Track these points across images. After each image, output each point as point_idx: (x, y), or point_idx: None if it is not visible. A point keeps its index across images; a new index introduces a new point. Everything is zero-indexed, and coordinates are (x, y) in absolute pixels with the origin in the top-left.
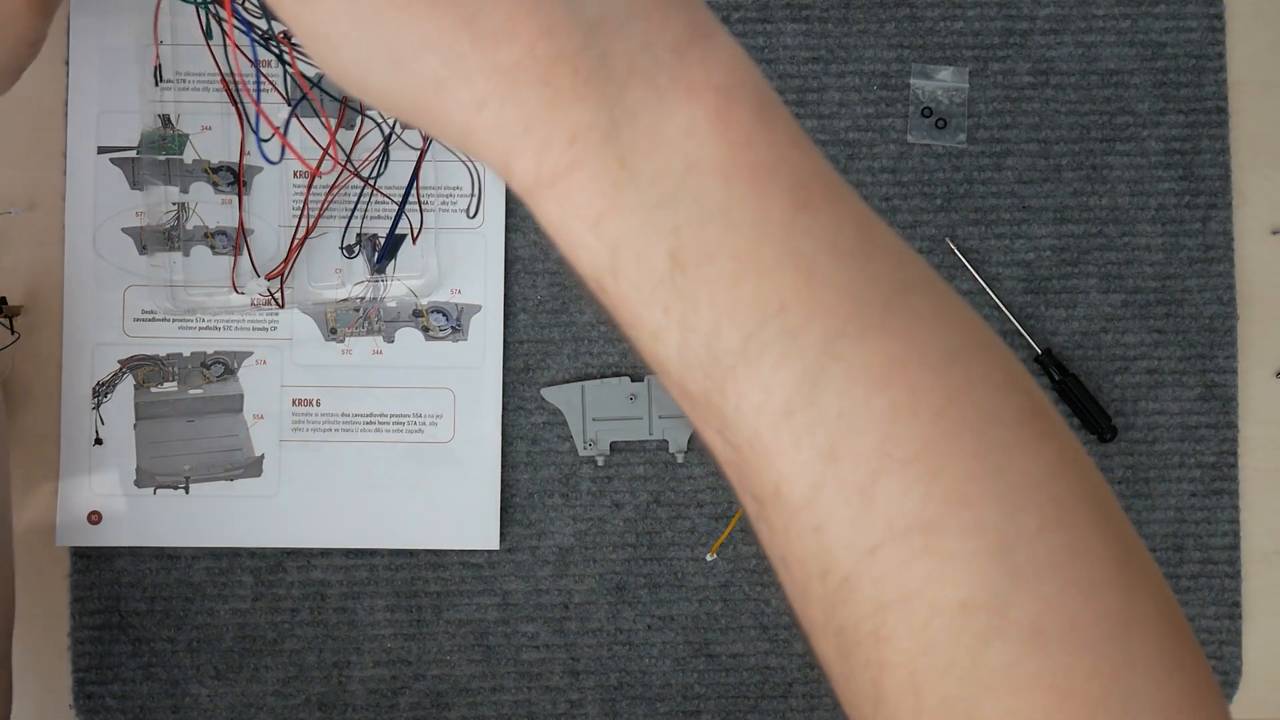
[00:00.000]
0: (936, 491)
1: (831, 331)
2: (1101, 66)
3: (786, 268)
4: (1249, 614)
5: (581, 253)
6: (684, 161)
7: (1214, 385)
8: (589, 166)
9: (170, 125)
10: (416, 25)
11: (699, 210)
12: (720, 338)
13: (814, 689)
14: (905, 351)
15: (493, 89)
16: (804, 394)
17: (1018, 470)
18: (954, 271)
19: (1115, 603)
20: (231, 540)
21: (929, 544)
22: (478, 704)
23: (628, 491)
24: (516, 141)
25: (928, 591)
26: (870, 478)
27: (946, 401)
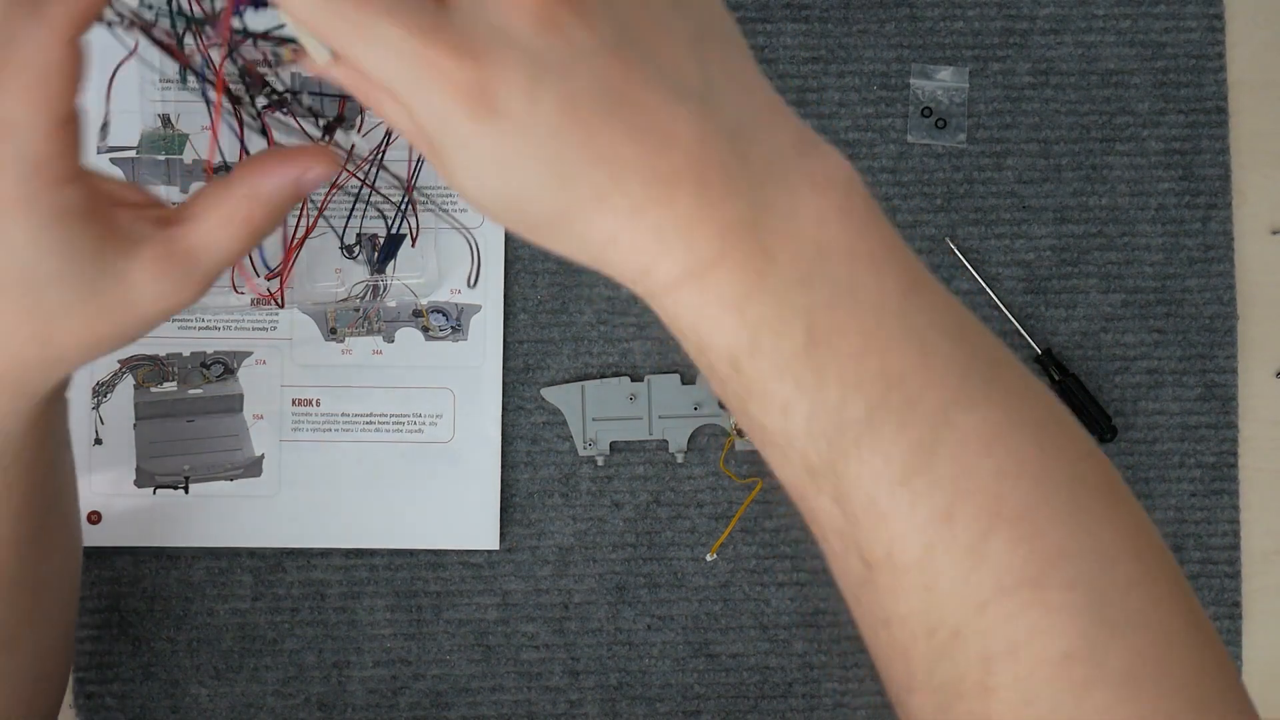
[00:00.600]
0: (1039, 549)
1: (945, 401)
2: (1101, 66)
3: (904, 343)
4: (1249, 614)
5: (721, 337)
6: (816, 248)
7: (1214, 385)
8: (736, 256)
9: (170, 125)
10: (591, 141)
11: (830, 291)
12: (847, 407)
13: (814, 689)
14: (1006, 420)
15: (651, 196)
16: (922, 459)
17: (1107, 530)
18: (954, 271)
19: (1191, 652)
20: (231, 540)
21: (1035, 598)
22: (478, 704)
23: (628, 491)
24: (665, 243)
25: (1034, 643)
26: (981, 537)
27: (1042, 467)
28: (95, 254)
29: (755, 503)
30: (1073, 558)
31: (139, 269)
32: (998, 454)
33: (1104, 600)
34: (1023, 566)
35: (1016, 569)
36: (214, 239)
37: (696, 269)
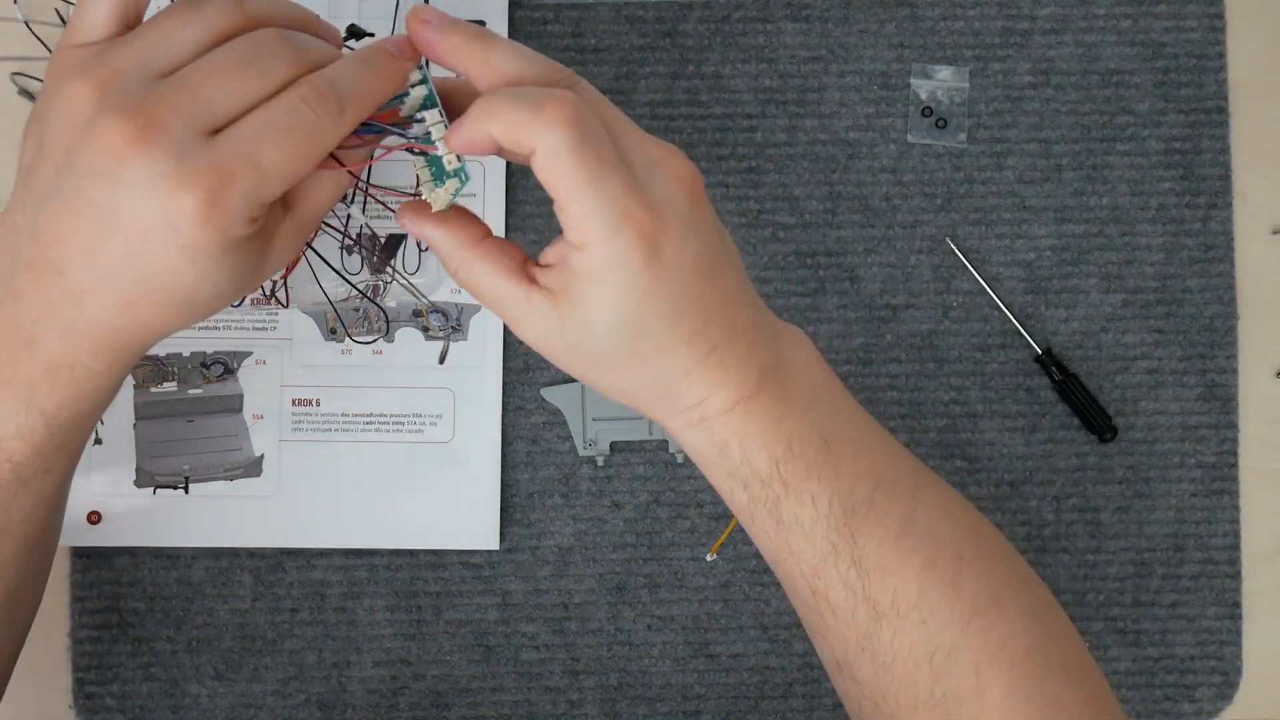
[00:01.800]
0: (993, 579)
1: (913, 485)
2: (1102, 66)
3: (879, 447)
4: (1249, 614)
5: (764, 447)
6: (811, 384)
7: (1214, 385)
8: (769, 388)
9: None
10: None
11: (826, 412)
12: (855, 493)
13: (814, 689)
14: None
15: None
16: (907, 524)
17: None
18: (954, 271)
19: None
20: (231, 540)
21: (999, 614)
22: (478, 704)
23: (628, 491)
24: (726, 377)
25: (1005, 647)
26: (956, 575)
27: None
28: (256, 260)
29: None
30: (1010, 584)
31: (277, 248)
32: (951, 518)
33: (1036, 612)
34: (986, 592)
35: (983, 594)
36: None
37: (743, 398)
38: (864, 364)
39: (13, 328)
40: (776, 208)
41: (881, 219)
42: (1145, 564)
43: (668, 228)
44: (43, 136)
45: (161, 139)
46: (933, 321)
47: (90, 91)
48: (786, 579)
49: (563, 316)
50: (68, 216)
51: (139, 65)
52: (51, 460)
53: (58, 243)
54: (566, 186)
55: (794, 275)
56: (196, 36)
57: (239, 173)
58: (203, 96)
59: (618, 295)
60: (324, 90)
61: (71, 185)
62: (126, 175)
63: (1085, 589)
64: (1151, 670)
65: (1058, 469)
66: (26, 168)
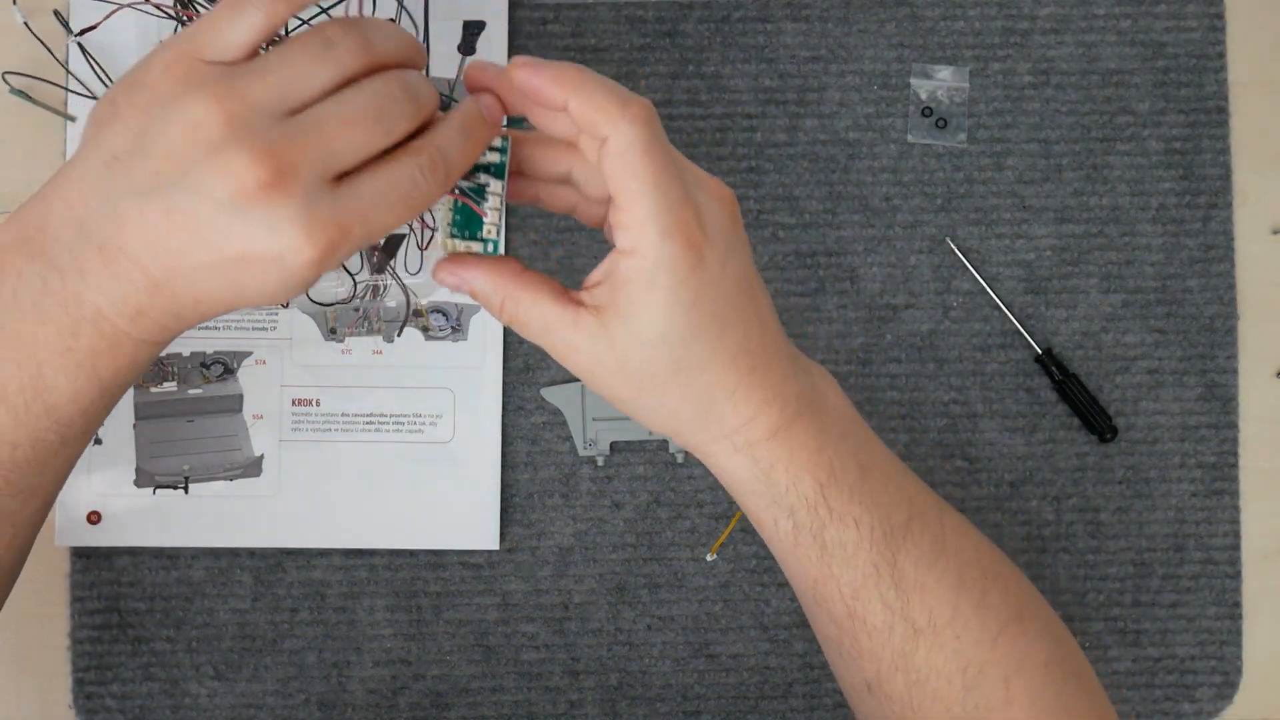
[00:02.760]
0: (1013, 596)
1: (938, 510)
2: (1102, 66)
3: (904, 475)
4: (1249, 614)
5: (808, 471)
6: (841, 415)
7: (1214, 385)
8: (807, 416)
9: None
10: (742, 311)
11: (856, 442)
12: (893, 517)
13: (814, 689)
14: (961, 520)
15: (765, 363)
16: (938, 546)
17: (1028, 581)
18: (954, 271)
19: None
20: (231, 540)
21: (1020, 629)
22: (478, 704)
23: (628, 491)
24: (767, 399)
25: (1029, 659)
26: (983, 593)
27: (989, 545)
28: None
29: None
30: (1028, 601)
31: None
32: (971, 540)
33: (1049, 626)
34: (1009, 609)
35: (1006, 611)
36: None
37: (784, 423)
38: (864, 364)
39: (76, 303)
40: (776, 208)
41: (881, 219)
42: (1145, 564)
43: (712, 242)
44: (146, 135)
45: (293, 187)
46: (933, 321)
47: (220, 118)
48: (823, 603)
49: (612, 332)
50: (165, 224)
51: (270, 101)
52: (93, 421)
53: (145, 241)
54: (633, 185)
55: (794, 275)
56: (327, 78)
57: (355, 229)
58: (333, 147)
59: (666, 298)
60: (438, 162)
61: (179, 198)
62: (251, 211)
63: (1085, 589)
64: (1151, 670)
65: (1058, 469)
66: (114, 154)
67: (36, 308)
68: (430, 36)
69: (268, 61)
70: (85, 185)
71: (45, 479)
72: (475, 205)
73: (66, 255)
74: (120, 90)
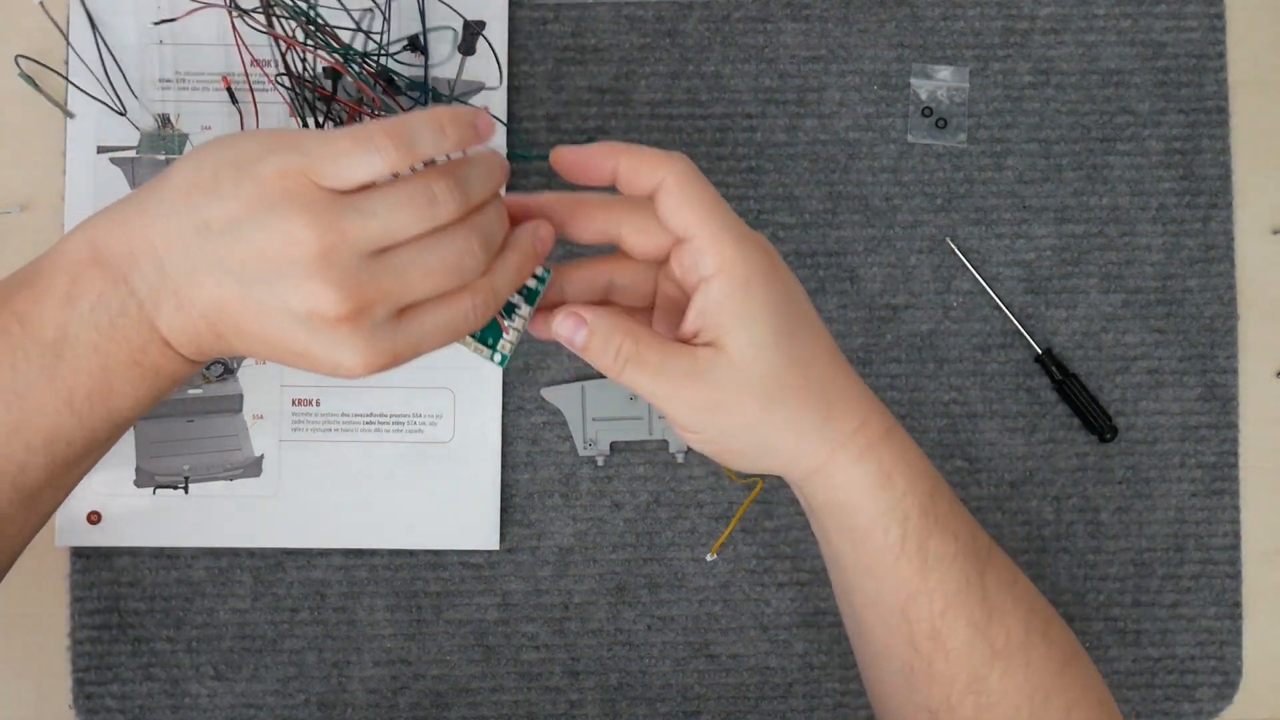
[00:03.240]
0: (1069, 633)
1: (986, 543)
2: (1102, 66)
3: (958, 505)
4: (1249, 614)
5: (922, 476)
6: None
7: (1214, 385)
8: (892, 438)
9: (170, 125)
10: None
11: (922, 464)
12: (977, 539)
13: (814, 689)
14: (1009, 561)
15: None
16: (1014, 573)
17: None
18: (954, 271)
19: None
20: (231, 540)
21: (1082, 663)
22: (478, 704)
23: (628, 491)
24: (873, 402)
25: (1089, 693)
26: (1046, 623)
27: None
28: None
29: (755, 503)
30: (1076, 642)
31: None
32: (1023, 577)
33: (1094, 668)
34: (1069, 644)
35: (1068, 645)
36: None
37: (891, 425)
38: (864, 364)
39: (149, 328)
40: (776, 208)
41: (881, 219)
42: (1145, 564)
43: (772, 250)
44: (244, 226)
45: (364, 323)
46: (933, 321)
47: (317, 246)
48: (908, 622)
49: (729, 352)
50: (239, 305)
51: (365, 242)
52: (137, 419)
53: (217, 310)
54: (700, 209)
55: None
56: (422, 230)
57: (406, 355)
58: (411, 293)
59: (766, 295)
60: (491, 303)
61: (259, 293)
62: (320, 331)
63: (1085, 589)
64: (1151, 670)
65: (1058, 469)
66: (206, 222)
67: (113, 325)
68: (430, 36)
69: (373, 204)
70: (172, 235)
71: (82, 472)
72: (501, 319)
73: (146, 290)
74: (226, 165)
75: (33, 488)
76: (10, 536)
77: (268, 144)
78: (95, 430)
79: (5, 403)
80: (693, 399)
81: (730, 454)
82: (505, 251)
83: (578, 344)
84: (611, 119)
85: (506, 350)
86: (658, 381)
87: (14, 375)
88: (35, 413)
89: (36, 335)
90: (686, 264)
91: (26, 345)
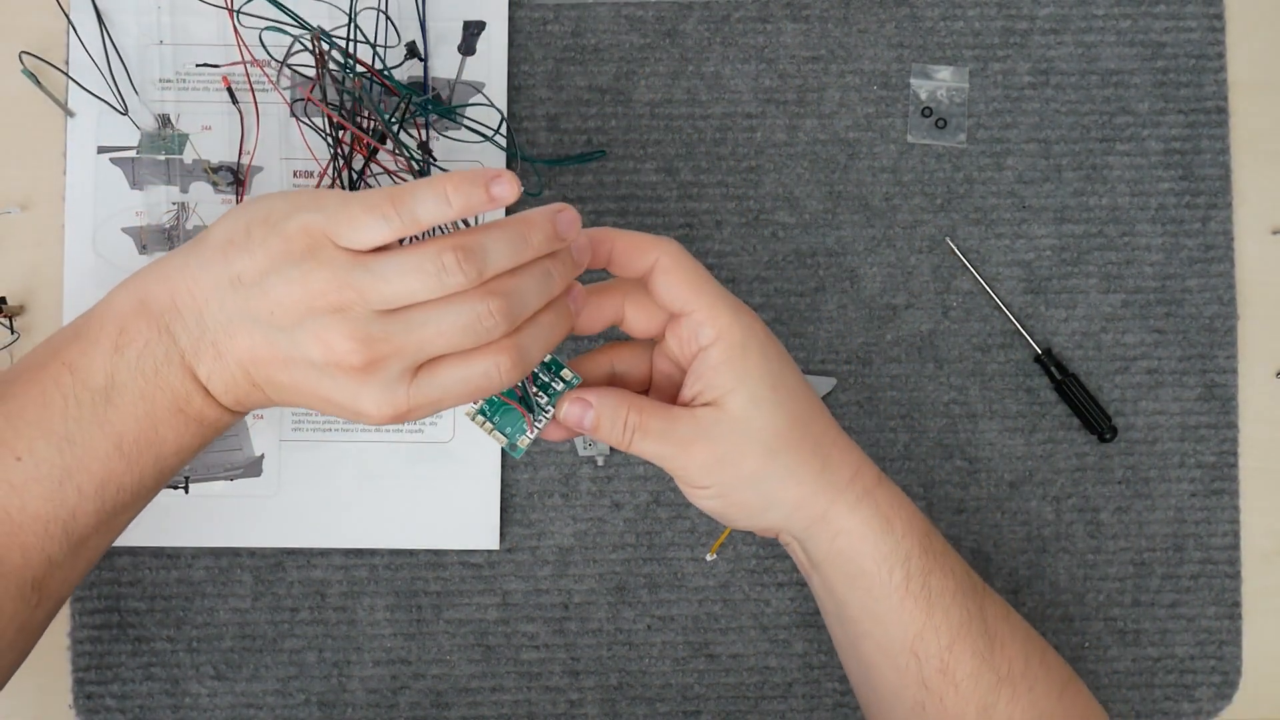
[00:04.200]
0: (1062, 660)
1: (979, 580)
2: (1101, 66)
3: (949, 545)
4: (1249, 614)
5: (916, 520)
6: (901, 493)
7: (1214, 385)
8: (884, 485)
9: (170, 125)
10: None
11: (913, 508)
12: (972, 575)
13: (814, 689)
14: (1001, 602)
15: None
16: (1008, 607)
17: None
18: (954, 271)
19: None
20: (231, 540)
21: (1079, 688)
22: (478, 704)
23: (628, 491)
24: (860, 455)
25: (1089, 714)
26: (1043, 651)
27: (1022, 622)
28: None
29: None
30: (1070, 669)
31: None
32: (1009, 613)
33: (1062, 664)
34: (1064, 670)
35: (1064, 671)
36: None
37: (880, 476)
38: (864, 364)
39: (191, 377)
40: (776, 208)
41: (881, 219)
42: (1145, 564)
43: (760, 320)
44: (269, 279)
45: (378, 375)
46: (933, 321)
47: (334, 300)
48: (917, 660)
49: (730, 411)
50: (267, 354)
51: (379, 301)
52: (182, 467)
53: (250, 358)
54: (694, 284)
55: (794, 275)
56: (433, 295)
57: (424, 410)
58: (425, 350)
59: (762, 354)
60: (518, 364)
61: (283, 342)
62: (338, 379)
63: (1085, 589)
64: (1151, 670)
65: (1058, 469)
66: (239, 275)
67: (158, 373)
68: (430, 36)
69: (384, 267)
70: (209, 287)
71: (127, 519)
72: (528, 415)
73: (187, 339)
74: (257, 222)
75: (82, 533)
76: (59, 583)
77: (295, 203)
78: (143, 476)
79: (58, 448)
80: (698, 456)
81: (736, 508)
82: (540, 313)
83: (586, 426)
84: (611, 119)
85: (524, 445)
86: (664, 444)
87: (66, 421)
88: (87, 457)
89: (87, 383)
90: (685, 336)
91: (78, 392)
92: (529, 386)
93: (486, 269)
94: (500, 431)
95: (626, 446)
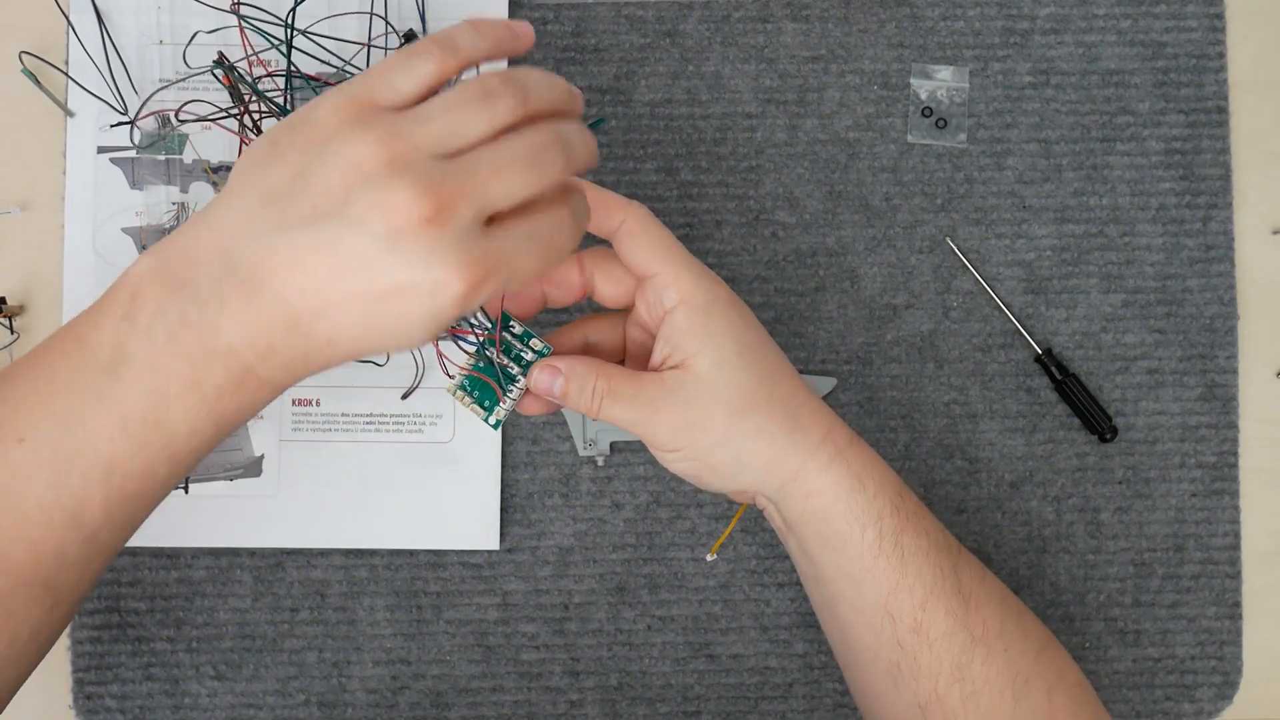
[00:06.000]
0: (1040, 623)
1: (954, 541)
2: (1102, 66)
3: (923, 506)
4: (1249, 614)
5: (888, 480)
6: (874, 453)
7: (1214, 385)
8: (856, 445)
9: (170, 125)
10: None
11: (886, 468)
12: (945, 535)
13: (814, 689)
14: (979, 564)
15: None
16: (983, 568)
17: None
18: (954, 271)
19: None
20: (231, 540)
21: (1056, 649)
22: (478, 704)
23: (628, 491)
24: (831, 416)
25: (1065, 676)
26: (1019, 613)
27: (1000, 583)
28: None
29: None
30: (1023, 610)
31: None
32: (989, 577)
33: (1039, 626)
34: (1042, 631)
35: (1041, 632)
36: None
37: (851, 437)
38: (864, 364)
39: (211, 335)
40: (776, 207)
41: (881, 219)
42: (1145, 564)
43: (725, 285)
44: (307, 171)
45: (450, 224)
46: (933, 321)
47: (384, 157)
48: (891, 620)
49: (697, 372)
50: (315, 257)
51: (432, 144)
52: (197, 461)
53: (291, 274)
54: (659, 248)
55: (794, 275)
56: (485, 127)
57: (502, 271)
58: (491, 191)
59: (727, 316)
60: (581, 216)
61: (333, 231)
62: (405, 246)
63: (1085, 589)
64: (1151, 670)
65: (1058, 469)
66: (270, 192)
67: (171, 339)
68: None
69: (430, 108)
70: (238, 220)
71: (141, 515)
72: (499, 389)
73: (208, 286)
74: (282, 130)
75: (92, 525)
76: (72, 583)
77: (317, 99)
78: (152, 463)
79: (63, 428)
80: (668, 419)
81: (708, 471)
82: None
83: (556, 393)
84: (611, 119)
85: (501, 416)
86: (633, 408)
87: (70, 397)
88: (92, 437)
89: (94, 355)
90: (651, 300)
91: (84, 366)
92: (500, 359)
93: (529, 93)
94: (479, 405)
95: (596, 413)
